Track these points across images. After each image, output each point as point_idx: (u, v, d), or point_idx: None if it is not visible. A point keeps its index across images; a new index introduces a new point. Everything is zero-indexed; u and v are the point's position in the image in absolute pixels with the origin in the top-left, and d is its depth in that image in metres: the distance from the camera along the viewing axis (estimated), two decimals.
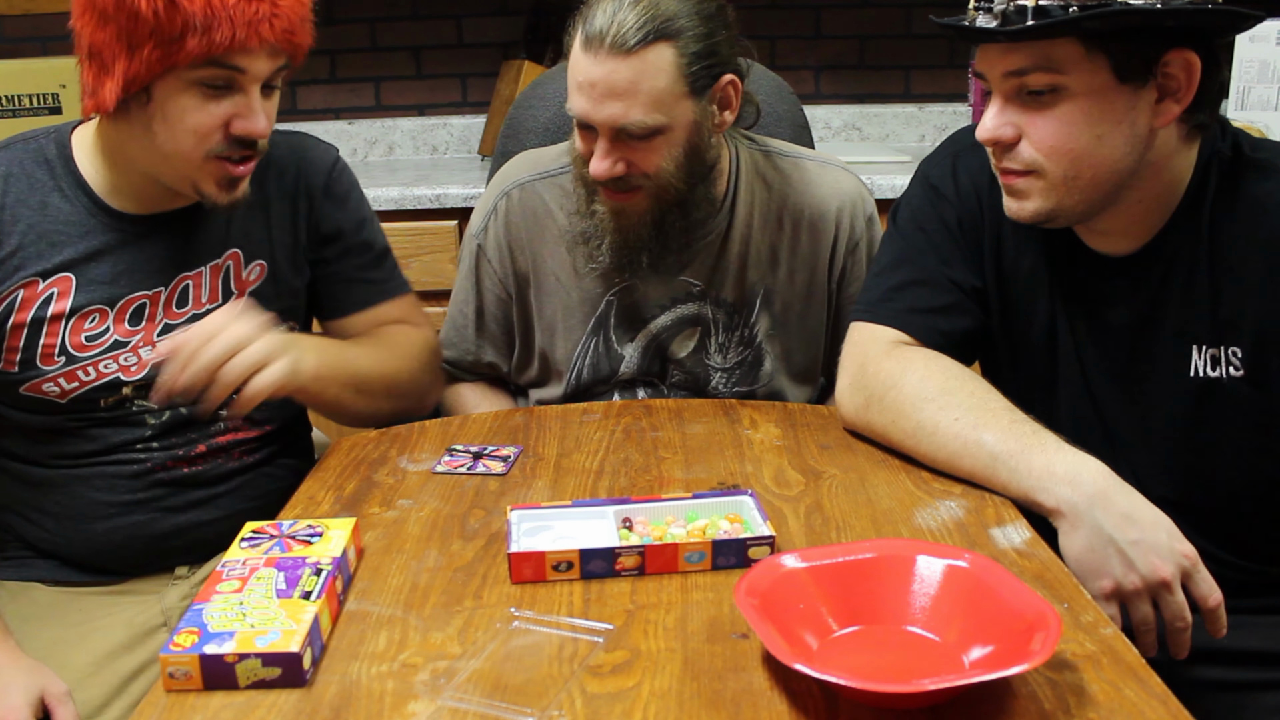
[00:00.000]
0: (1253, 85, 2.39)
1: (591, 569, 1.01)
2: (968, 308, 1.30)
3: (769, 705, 0.82)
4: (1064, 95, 1.10)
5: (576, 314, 1.56)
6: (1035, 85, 1.11)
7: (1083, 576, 1.04)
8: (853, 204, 1.56)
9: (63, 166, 1.30)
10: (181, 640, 0.86)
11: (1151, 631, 1.04)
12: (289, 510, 1.16)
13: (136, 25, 1.15)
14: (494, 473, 1.24)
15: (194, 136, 1.21)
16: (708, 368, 1.57)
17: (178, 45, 1.16)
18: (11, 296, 1.27)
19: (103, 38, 1.18)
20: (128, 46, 1.16)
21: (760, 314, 1.56)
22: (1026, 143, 1.14)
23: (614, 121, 1.35)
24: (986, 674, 0.79)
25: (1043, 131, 1.12)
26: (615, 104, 1.34)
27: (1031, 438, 1.12)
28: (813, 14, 2.90)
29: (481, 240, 1.59)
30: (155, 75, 1.18)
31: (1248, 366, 1.17)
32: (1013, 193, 1.18)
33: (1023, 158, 1.14)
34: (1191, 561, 1.03)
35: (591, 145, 1.40)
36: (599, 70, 1.34)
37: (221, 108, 1.21)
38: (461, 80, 2.99)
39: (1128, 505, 1.05)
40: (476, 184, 2.45)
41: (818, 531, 1.09)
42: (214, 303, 1.35)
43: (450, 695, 0.84)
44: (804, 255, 1.56)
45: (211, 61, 1.18)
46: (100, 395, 1.31)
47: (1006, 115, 1.14)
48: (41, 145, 1.31)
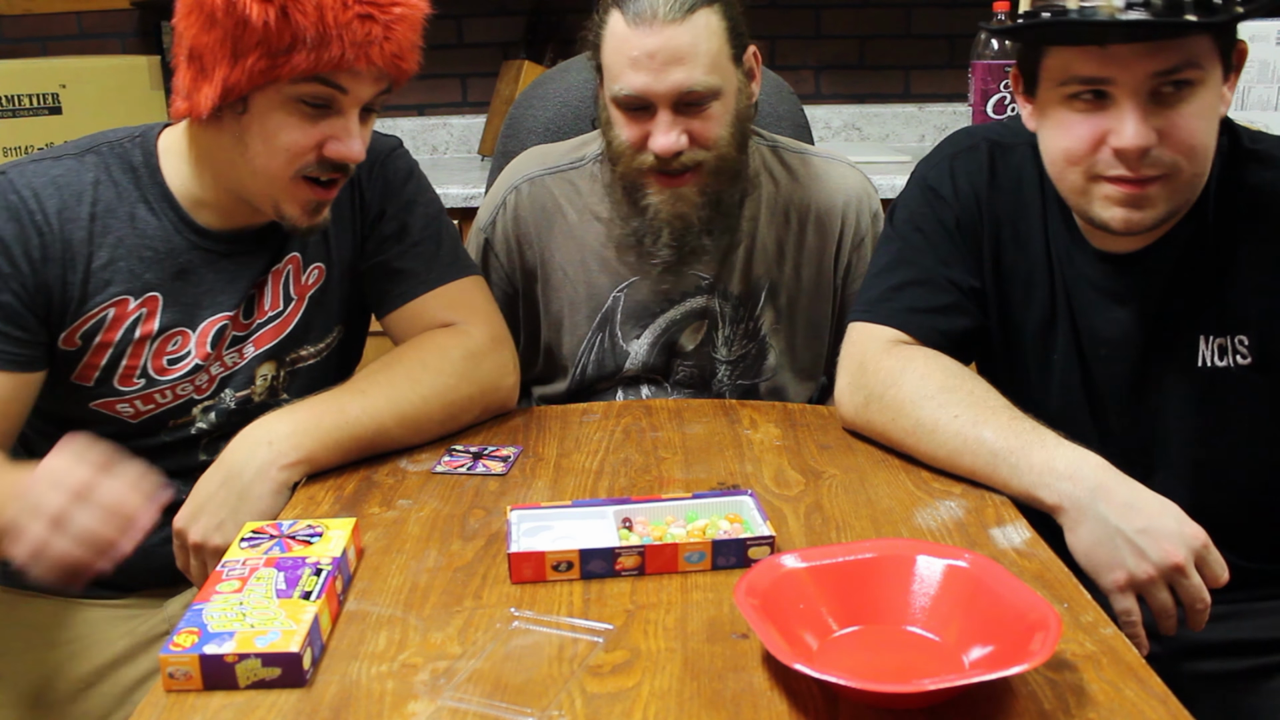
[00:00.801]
0: (1253, 85, 2.39)
1: (591, 569, 1.01)
2: (966, 308, 1.30)
3: (769, 705, 0.82)
4: (1196, 90, 1.08)
5: (583, 309, 1.56)
6: (1186, 78, 1.06)
7: (1094, 571, 1.04)
8: (859, 200, 1.57)
9: (149, 176, 1.26)
10: (181, 640, 0.86)
11: (1173, 617, 1.04)
12: (289, 510, 1.16)
13: (245, 33, 1.11)
14: (494, 473, 1.24)
15: (286, 154, 1.18)
16: (713, 360, 1.57)
17: (284, 58, 1.12)
18: (103, 314, 1.23)
19: (207, 41, 1.14)
20: (232, 53, 1.13)
21: (765, 308, 1.56)
22: (1163, 145, 1.09)
23: (679, 86, 1.35)
24: (986, 674, 0.79)
25: (1183, 131, 1.08)
26: (678, 69, 1.35)
27: (1031, 434, 1.12)
28: (813, 14, 2.91)
29: (489, 234, 1.59)
30: (256, 86, 1.14)
31: (1255, 354, 1.18)
32: (1137, 202, 1.12)
33: (1163, 161, 1.10)
34: (1202, 543, 1.02)
35: (643, 128, 1.39)
36: (657, 39, 1.34)
37: (318, 128, 1.18)
38: (461, 80, 2.99)
39: (1130, 494, 1.04)
40: (476, 184, 2.45)
41: (818, 531, 1.09)
42: (276, 309, 1.33)
43: (450, 695, 0.84)
44: (810, 250, 1.56)
45: (316, 78, 1.15)
46: (170, 417, 1.29)
47: (1149, 119, 1.08)
48: (127, 150, 1.27)
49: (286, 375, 1.36)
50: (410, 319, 1.38)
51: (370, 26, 1.14)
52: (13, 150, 2.40)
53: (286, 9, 1.10)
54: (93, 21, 2.95)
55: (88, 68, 2.52)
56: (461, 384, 1.31)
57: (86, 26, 2.96)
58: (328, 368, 1.39)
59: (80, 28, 2.96)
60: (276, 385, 1.35)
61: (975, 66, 2.56)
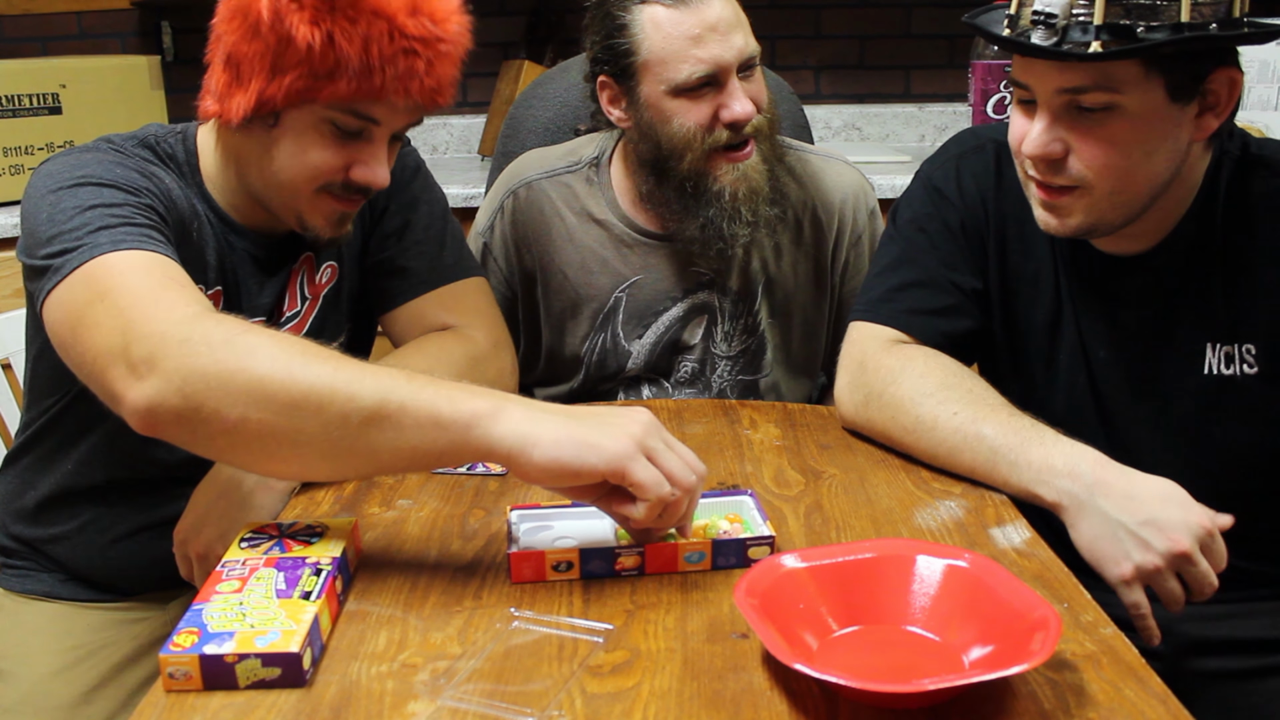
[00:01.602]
0: (1253, 85, 2.39)
1: (591, 569, 1.01)
2: (969, 310, 1.30)
3: (769, 705, 0.82)
4: (1117, 113, 1.08)
5: (584, 310, 1.56)
6: (1091, 104, 1.08)
7: (1098, 565, 1.03)
8: (855, 197, 1.57)
9: (192, 175, 1.25)
10: (181, 640, 0.86)
11: (1180, 602, 1.04)
12: (289, 510, 1.16)
13: (287, 52, 1.10)
14: (494, 473, 1.24)
15: (311, 172, 1.17)
16: (714, 355, 1.58)
17: (325, 83, 1.12)
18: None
19: (246, 51, 1.13)
20: (271, 68, 1.12)
21: (762, 303, 1.57)
22: (1075, 159, 1.11)
23: (744, 51, 1.39)
24: (986, 674, 0.79)
25: (1094, 149, 1.10)
26: (738, 34, 1.39)
27: (1030, 431, 1.12)
28: (813, 14, 2.91)
29: (488, 239, 1.59)
30: (292, 104, 1.14)
31: (1262, 363, 1.18)
32: (1053, 209, 1.15)
33: (1070, 174, 1.12)
34: (1207, 529, 1.02)
35: (710, 106, 1.40)
36: (714, 11, 1.37)
37: (346, 151, 1.17)
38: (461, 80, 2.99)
39: (1128, 486, 1.04)
40: (476, 184, 2.45)
41: (817, 531, 1.09)
42: (294, 309, 1.33)
43: (450, 695, 0.84)
44: (807, 247, 1.57)
45: (352, 109, 1.14)
46: None
47: (1056, 131, 1.11)
48: (173, 148, 1.26)
49: None
50: (410, 319, 1.37)
51: (414, 61, 1.13)
52: (13, 150, 2.40)
53: (334, 35, 1.09)
54: (93, 21, 2.95)
55: (88, 68, 2.52)
56: None
57: (86, 26, 2.96)
58: None
59: (80, 28, 2.96)
60: None
61: (975, 66, 2.56)
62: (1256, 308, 1.17)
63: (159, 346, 0.94)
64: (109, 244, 1.04)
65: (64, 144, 2.44)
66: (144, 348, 0.95)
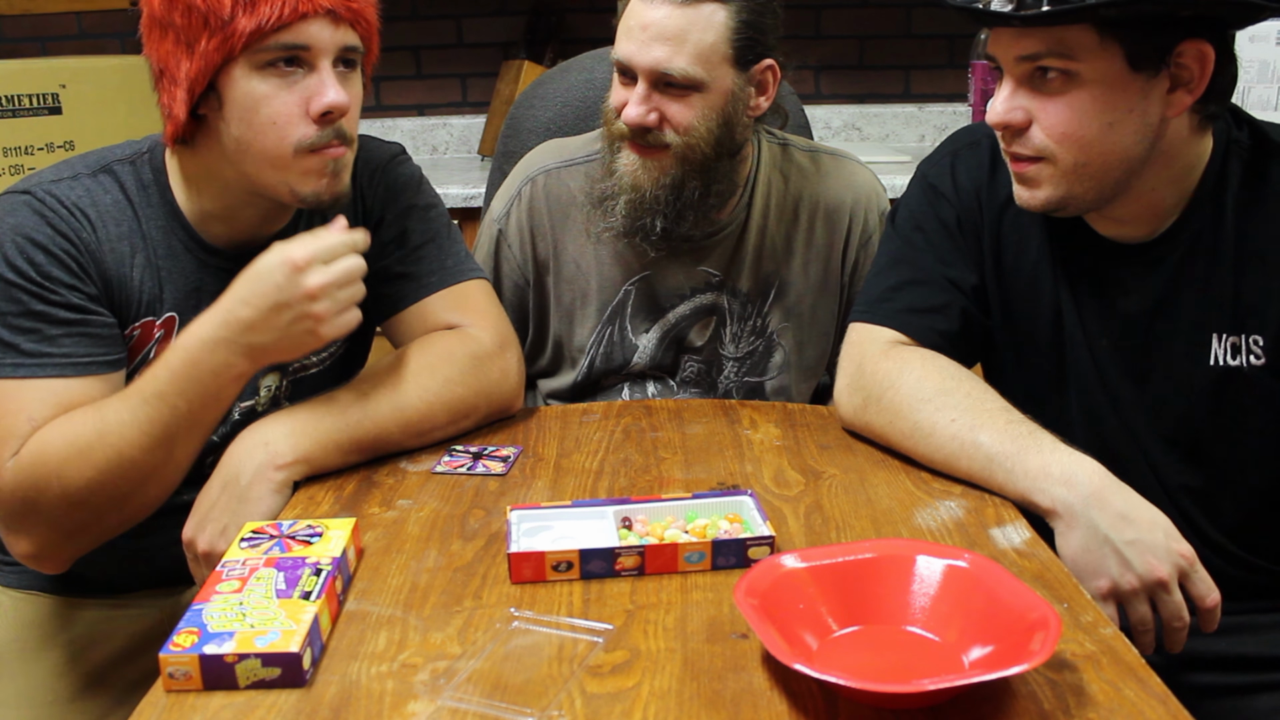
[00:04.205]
0: (1253, 85, 2.39)
1: (591, 569, 1.01)
2: (966, 307, 1.30)
3: (769, 705, 0.82)
4: (1076, 82, 1.09)
5: (594, 302, 1.57)
6: (1049, 70, 1.09)
7: (1079, 576, 1.04)
8: (868, 198, 1.57)
9: (159, 195, 1.25)
10: (181, 640, 0.86)
11: (1150, 631, 1.04)
12: (289, 510, 1.16)
13: (190, 19, 1.13)
14: (494, 473, 1.24)
15: (274, 127, 1.16)
16: (721, 357, 1.58)
17: (231, 28, 1.12)
18: (131, 334, 1.23)
19: (166, 48, 1.16)
20: (186, 46, 1.14)
21: (774, 305, 1.57)
22: (1037, 128, 1.13)
23: (657, 65, 1.38)
24: (986, 674, 0.79)
25: (1054, 117, 1.11)
26: (661, 48, 1.37)
27: (1028, 438, 1.12)
28: (813, 14, 2.91)
29: (503, 225, 1.59)
30: (216, 67, 1.14)
31: (1269, 355, 1.17)
32: (1023, 180, 1.17)
33: (1033, 143, 1.13)
34: (1189, 561, 1.03)
35: (627, 96, 1.42)
36: (653, 14, 1.37)
37: (294, 91, 1.16)
38: (461, 80, 2.99)
39: (1124, 505, 1.04)
40: (477, 184, 2.45)
41: (817, 531, 1.09)
42: None
43: (450, 695, 0.84)
44: (818, 248, 1.57)
45: (269, 44, 1.14)
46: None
47: (1018, 99, 1.13)
48: (138, 169, 1.26)
49: (289, 385, 1.35)
50: (413, 322, 1.36)
51: None
52: (13, 150, 2.40)
53: None
54: (93, 21, 2.96)
55: (88, 68, 2.52)
56: (467, 388, 1.29)
57: (86, 26, 2.96)
58: (331, 378, 1.38)
59: (80, 28, 2.96)
60: (279, 395, 1.35)
61: (975, 66, 2.56)
62: (1267, 298, 1.16)
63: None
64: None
65: (64, 144, 2.44)
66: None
